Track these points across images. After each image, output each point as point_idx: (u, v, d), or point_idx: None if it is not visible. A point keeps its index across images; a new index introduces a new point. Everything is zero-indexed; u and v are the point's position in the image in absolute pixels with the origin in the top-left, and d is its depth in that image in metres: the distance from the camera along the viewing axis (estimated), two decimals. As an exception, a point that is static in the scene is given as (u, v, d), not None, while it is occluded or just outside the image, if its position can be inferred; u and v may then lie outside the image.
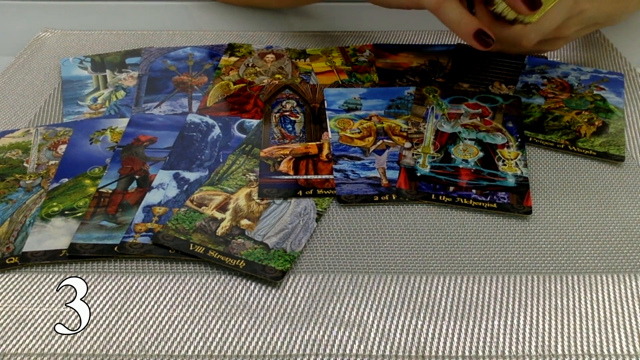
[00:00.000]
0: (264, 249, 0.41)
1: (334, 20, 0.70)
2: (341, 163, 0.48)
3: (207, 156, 0.49)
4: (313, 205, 0.45)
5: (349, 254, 0.41)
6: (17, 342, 0.36)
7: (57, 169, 0.48)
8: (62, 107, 0.56)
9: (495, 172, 0.47)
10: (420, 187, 0.46)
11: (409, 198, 0.45)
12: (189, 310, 0.38)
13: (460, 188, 0.46)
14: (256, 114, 0.54)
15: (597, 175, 0.48)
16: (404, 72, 0.60)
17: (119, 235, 0.42)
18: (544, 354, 0.35)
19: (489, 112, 0.53)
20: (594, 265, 0.40)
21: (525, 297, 0.38)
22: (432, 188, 0.46)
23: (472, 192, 0.46)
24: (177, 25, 0.70)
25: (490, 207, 0.44)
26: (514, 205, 0.45)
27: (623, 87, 0.58)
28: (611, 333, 0.36)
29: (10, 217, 0.44)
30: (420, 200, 0.45)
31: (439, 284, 0.39)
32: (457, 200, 0.45)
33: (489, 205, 0.44)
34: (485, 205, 0.45)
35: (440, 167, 0.48)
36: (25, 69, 0.61)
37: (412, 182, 0.46)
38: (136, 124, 0.52)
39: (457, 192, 0.46)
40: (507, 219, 0.44)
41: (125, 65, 0.61)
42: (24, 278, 0.40)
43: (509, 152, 0.49)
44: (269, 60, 0.62)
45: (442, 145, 0.50)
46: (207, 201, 0.45)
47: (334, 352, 0.35)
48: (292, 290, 0.39)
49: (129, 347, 0.35)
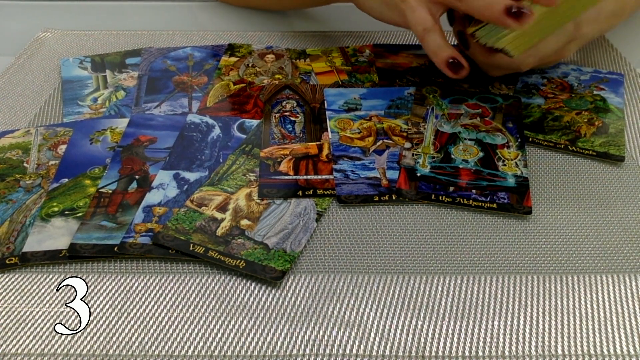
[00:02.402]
0: (264, 249, 0.41)
1: (334, 20, 0.70)
2: (341, 163, 0.48)
3: (207, 156, 0.49)
4: (313, 206, 0.45)
5: (349, 254, 0.41)
6: (17, 342, 0.36)
7: (57, 169, 0.48)
8: (62, 107, 0.56)
9: (495, 172, 0.47)
10: (421, 187, 0.46)
11: (409, 198, 0.45)
12: (189, 310, 0.38)
13: (460, 188, 0.46)
14: (256, 114, 0.54)
15: (597, 175, 0.48)
16: (404, 72, 0.60)
17: (119, 235, 0.42)
18: (544, 354, 0.35)
19: (488, 112, 0.53)
20: (594, 265, 0.40)
21: (525, 297, 0.38)
22: (432, 188, 0.46)
23: (472, 192, 0.46)
24: (177, 25, 0.70)
25: (490, 207, 0.44)
26: (514, 205, 0.45)
27: (623, 87, 0.58)
28: (611, 333, 0.36)
29: (10, 217, 0.44)
30: (421, 200, 0.45)
31: (439, 284, 0.39)
32: (457, 201, 0.45)
33: (489, 206, 0.44)
34: (485, 205, 0.45)
35: (440, 167, 0.48)
36: (25, 69, 0.61)
37: (412, 182, 0.46)
38: (136, 124, 0.52)
39: (457, 192, 0.46)
40: (507, 219, 0.44)
41: (125, 66, 0.61)
42: (24, 278, 0.40)
43: (509, 152, 0.49)
44: (269, 60, 0.62)
45: (442, 145, 0.50)
46: (207, 201, 0.45)
47: (334, 352, 0.35)
48: (292, 290, 0.39)
49: (129, 347, 0.35)
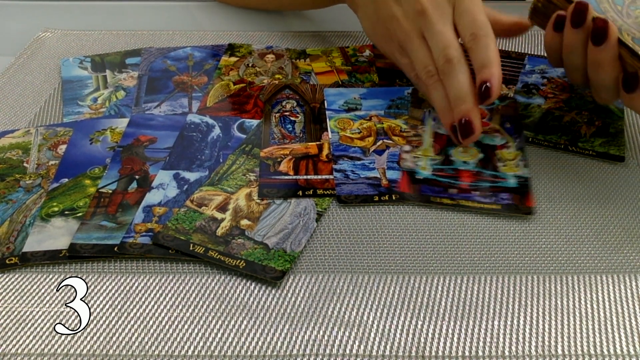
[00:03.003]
0: (264, 249, 0.41)
1: (334, 20, 0.70)
2: (341, 163, 0.48)
3: (207, 156, 0.49)
4: (313, 205, 0.45)
5: (349, 254, 0.41)
6: (17, 342, 0.36)
7: (57, 169, 0.48)
8: (62, 107, 0.56)
9: (495, 173, 0.47)
10: (422, 190, 0.46)
11: (411, 201, 0.45)
12: (189, 310, 0.38)
13: (461, 190, 0.46)
14: (256, 114, 0.54)
15: (597, 175, 0.48)
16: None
17: (119, 235, 0.42)
18: (544, 354, 0.35)
19: (486, 113, 0.53)
20: (594, 265, 0.40)
21: (525, 297, 0.38)
22: (433, 191, 0.46)
23: (474, 194, 0.45)
24: (177, 25, 0.70)
25: (495, 208, 0.44)
26: (517, 205, 0.44)
27: (623, 87, 0.58)
28: (611, 333, 0.36)
29: (10, 217, 0.44)
30: (423, 203, 0.45)
31: (439, 284, 0.39)
32: (460, 203, 0.45)
33: (492, 207, 0.44)
34: (489, 206, 0.44)
35: (441, 169, 0.48)
36: (25, 69, 0.61)
37: (413, 185, 0.46)
38: (136, 124, 0.52)
39: (459, 195, 0.45)
40: (507, 219, 0.44)
41: (125, 66, 0.61)
42: (24, 278, 0.40)
43: (509, 152, 0.49)
44: (269, 60, 0.62)
45: (441, 147, 0.50)
46: (207, 201, 0.45)
47: (334, 352, 0.35)
48: (292, 290, 0.39)
49: (129, 347, 0.35)
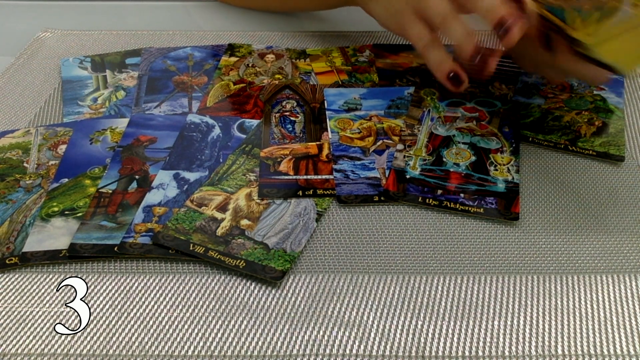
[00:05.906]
0: (264, 249, 0.41)
1: (334, 20, 0.70)
2: (341, 163, 0.48)
3: (207, 156, 0.49)
4: (313, 205, 0.45)
5: (349, 254, 0.41)
6: (17, 342, 0.36)
7: (57, 169, 0.48)
8: (62, 107, 0.56)
9: (485, 176, 0.47)
10: (408, 189, 0.46)
11: (395, 200, 0.45)
12: (189, 310, 0.38)
13: (448, 192, 0.46)
14: (256, 114, 0.54)
15: (597, 175, 0.48)
16: (404, 72, 0.60)
17: (119, 235, 0.42)
18: (544, 354, 0.35)
19: (486, 116, 0.53)
20: (594, 265, 0.40)
21: (525, 297, 0.38)
22: (420, 190, 0.46)
23: (460, 196, 0.45)
24: (177, 25, 0.70)
25: (477, 211, 0.44)
26: (500, 210, 0.44)
27: (623, 87, 0.58)
28: (611, 333, 0.36)
29: (10, 217, 0.44)
30: (407, 202, 0.45)
31: (439, 284, 0.39)
32: (444, 204, 0.45)
33: (475, 210, 0.44)
34: (472, 209, 0.44)
35: (431, 170, 0.48)
36: (25, 69, 0.61)
37: (400, 184, 0.46)
38: (136, 124, 0.52)
39: (444, 196, 0.45)
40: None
41: (125, 66, 0.61)
42: (24, 278, 0.40)
43: (502, 157, 0.49)
44: (269, 60, 0.62)
45: (434, 148, 0.50)
46: (207, 201, 0.45)
47: (334, 352, 0.35)
48: (292, 290, 0.39)
49: (129, 347, 0.35)
